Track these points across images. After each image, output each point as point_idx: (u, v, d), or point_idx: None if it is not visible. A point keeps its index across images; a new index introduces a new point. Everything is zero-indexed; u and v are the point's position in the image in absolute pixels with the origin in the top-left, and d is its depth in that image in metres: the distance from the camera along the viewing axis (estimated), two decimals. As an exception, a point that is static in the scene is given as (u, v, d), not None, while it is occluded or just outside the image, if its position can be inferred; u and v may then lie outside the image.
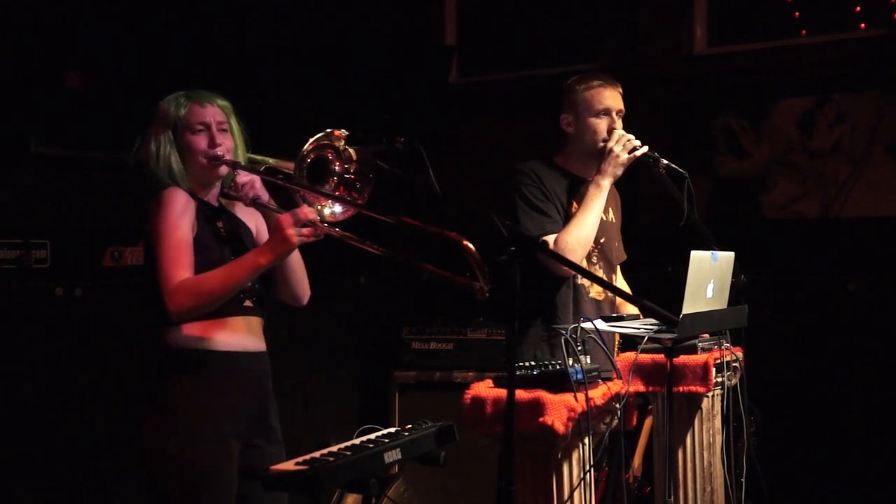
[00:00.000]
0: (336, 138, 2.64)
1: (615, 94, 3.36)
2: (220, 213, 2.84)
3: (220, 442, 2.67)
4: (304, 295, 2.92)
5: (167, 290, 2.60)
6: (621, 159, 3.25)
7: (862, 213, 4.92)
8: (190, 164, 2.76)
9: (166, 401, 2.68)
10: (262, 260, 2.60)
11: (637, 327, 2.95)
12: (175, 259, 2.63)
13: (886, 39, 4.94)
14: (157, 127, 2.77)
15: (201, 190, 2.81)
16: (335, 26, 5.60)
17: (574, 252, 3.18)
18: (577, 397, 2.61)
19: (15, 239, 3.80)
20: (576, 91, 3.35)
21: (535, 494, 2.66)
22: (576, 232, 3.22)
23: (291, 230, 2.54)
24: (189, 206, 2.72)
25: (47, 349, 3.77)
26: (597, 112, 3.32)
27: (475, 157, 5.72)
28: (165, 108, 2.78)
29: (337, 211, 2.65)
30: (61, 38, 4.21)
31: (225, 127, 2.80)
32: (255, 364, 2.79)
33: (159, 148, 2.75)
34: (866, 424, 4.58)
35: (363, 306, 5.13)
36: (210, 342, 2.69)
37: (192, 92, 2.81)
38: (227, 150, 2.78)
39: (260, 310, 2.83)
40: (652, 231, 4.82)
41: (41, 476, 3.73)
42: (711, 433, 3.22)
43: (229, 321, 2.73)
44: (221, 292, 2.62)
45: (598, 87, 3.34)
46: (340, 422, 4.81)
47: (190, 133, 2.76)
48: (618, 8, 5.66)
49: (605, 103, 3.33)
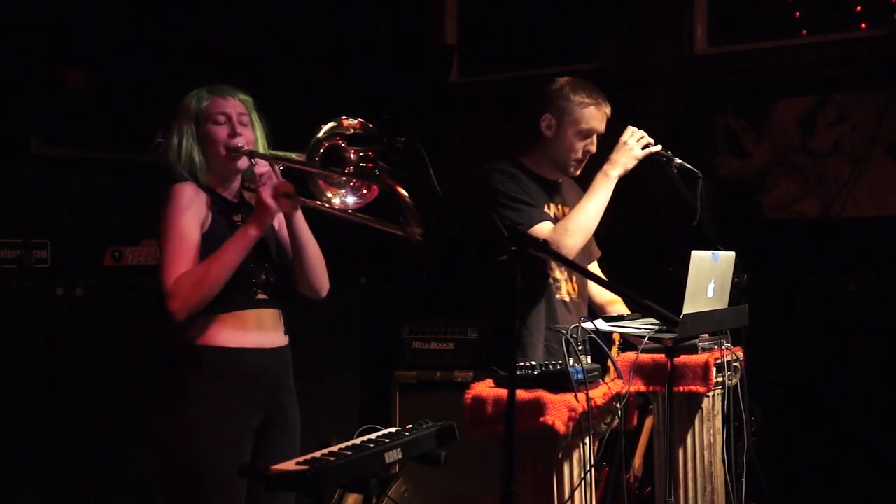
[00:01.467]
0: (345, 128, 2.68)
1: (604, 118, 3.28)
2: (239, 207, 2.85)
3: (230, 439, 2.68)
4: (322, 287, 2.93)
5: (166, 290, 2.62)
6: (634, 153, 3.19)
7: (862, 213, 4.92)
8: (210, 156, 2.78)
9: (176, 398, 2.69)
10: (251, 231, 2.65)
11: (638, 327, 2.95)
12: (174, 258, 2.65)
13: (887, 39, 4.93)
14: (180, 120, 2.80)
15: (220, 184, 2.83)
16: (335, 26, 5.60)
17: (574, 238, 3.12)
18: (577, 397, 2.61)
19: (16, 239, 3.80)
20: (568, 99, 3.25)
21: (536, 494, 2.66)
22: (577, 218, 3.16)
23: (270, 199, 2.63)
24: (197, 200, 2.73)
25: (48, 349, 3.77)
26: (581, 131, 3.25)
27: (475, 157, 5.71)
28: (188, 102, 2.81)
29: (349, 201, 2.70)
30: (62, 38, 4.21)
31: (245, 120, 2.82)
32: (266, 360, 2.78)
33: (181, 140, 2.77)
34: (867, 424, 4.58)
35: (364, 306, 5.13)
36: (218, 338, 2.70)
37: (214, 86, 2.84)
38: (247, 142, 2.80)
39: (276, 302, 2.83)
40: (657, 230, 4.83)
41: (42, 476, 3.73)
42: (712, 433, 3.22)
43: (239, 316, 2.73)
44: (220, 274, 2.63)
45: (591, 106, 3.24)
46: (341, 421, 4.81)
47: (212, 123, 2.78)
48: (618, 8, 5.66)
49: (592, 124, 3.25)
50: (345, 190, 2.71)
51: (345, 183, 2.71)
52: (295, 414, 2.90)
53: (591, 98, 3.25)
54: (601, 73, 5.57)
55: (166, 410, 2.70)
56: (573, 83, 3.30)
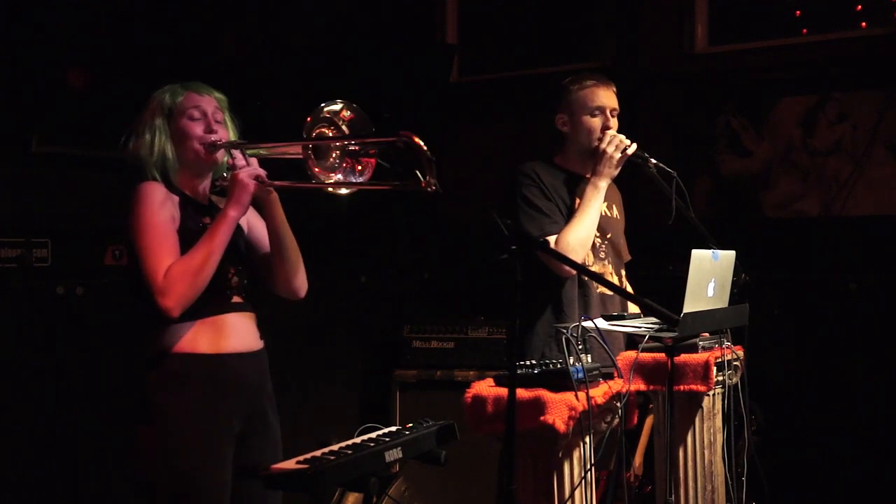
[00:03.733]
0: (328, 113, 2.65)
1: (609, 93, 3.40)
2: (209, 210, 2.79)
3: (210, 448, 2.64)
4: (300, 287, 2.85)
5: (157, 287, 2.53)
6: (615, 160, 3.30)
7: (863, 212, 4.92)
8: (183, 151, 2.71)
9: (155, 407, 2.63)
10: (231, 212, 2.62)
11: (638, 326, 2.95)
12: (157, 254, 2.56)
13: (887, 38, 4.93)
14: (151, 116, 2.72)
15: (191, 182, 2.76)
16: (335, 25, 5.60)
17: (575, 252, 3.21)
18: (577, 396, 2.61)
19: (16, 238, 3.79)
20: (570, 91, 3.40)
21: (536, 493, 2.66)
22: (575, 232, 3.25)
23: (246, 178, 2.63)
24: (168, 199, 2.67)
25: (48, 348, 3.77)
26: (591, 110, 3.36)
27: (475, 157, 5.72)
28: (159, 97, 2.75)
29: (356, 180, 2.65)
30: (64, 36, 4.20)
31: (220, 118, 2.77)
32: (244, 365, 2.72)
33: (154, 136, 2.70)
34: (867, 423, 4.58)
35: (364, 305, 5.13)
36: (196, 345, 2.64)
37: (188, 82, 2.78)
38: (223, 138, 2.74)
39: (250, 305, 2.78)
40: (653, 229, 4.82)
41: (42, 476, 3.73)
42: (712, 432, 3.22)
43: (216, 322, 2.67)
44: (209, 262, 2.57)
45: (591, 86, 3.38)
46: (341, 421, 4.81)
47: (186, 119, 2.71)
48: (618, 8, 5.66)
49: (598, 101, 3.37)
50: (338, 173, 2.64)
51: (338, 165, 2.65)
52: (275, 418, 2.83)
53: (590, 80, 3.40)
54: (601, 73, 5.57)
55: (146, 422, 2.64)
56: (573, 78, 3.44)
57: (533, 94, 5.58)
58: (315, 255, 2.93)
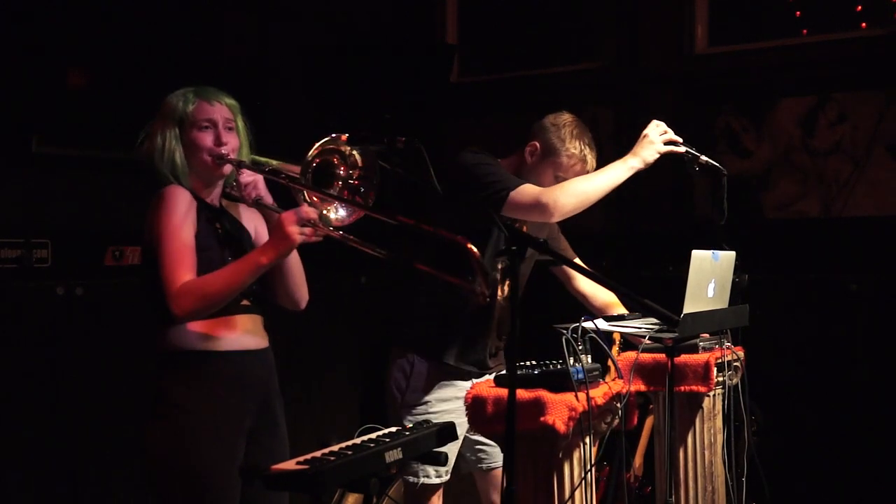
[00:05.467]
0: (342, 143, 2.63)
1: (584, 169, 3.25)
2: (221, 214, 2.82)
3: (223, 443, 2.66)
4: (301, 299, 2.89)
5: (171, 293, 2.57)
6: (657, 146, 3.13)
7: (863, 213, 4.92)
8: (194, 161, 2.74)
9: (167, 403, 2.66)
10: (263, 259, 2.58)
11: (638, 326, 2.95)
12: (179, 261, 2.60)
13: (887, 39, 4.94)
14: (164, 121, 2.74)
15: (203, 189, 2.79)
16: (336, 26, 5.60)
17: (568, 198, 3.07)
18: (578, 397, 2.61)
19: (16, 238, 3.80)
20: (562, 141, 3.24)
21: (536, 494, 2.65)
22: (580, 183, 3.11)
23: (293, 227, 2.52)
24: (192, 207, 2.70)
25: (48, 349, 3.77)
26: (558, 175, 3.24)
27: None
28: (173, 103, 2.75)
29: (343, 215, 2.63)
30: (64, 37, 4.21)
31: (231, 125, 2.78)
32: (256, 362, 2.77)
33: (165, 143, 2.72)
34: (867, 424, 4.58)
35: (364, 305, 5.13)
36: (209, 343, 2.68)
37: (201, 88, 2.78)
38: (232, 149, 2.75)
39: (258, 308, 2.82)
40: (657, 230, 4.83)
41: (42, 475, 3.73)
42: (712, 432, 3.22)
43: (228, 320, 2.71)
44: (226, 293, 2.60)
45: (578, 162, 3.23)
46: (341, 421, 4.81)
47: (196, 129, 2.73)
48: (618, 8, 5.66)
49: (568, 175, 3.23)
50: (336, 204, 2.62)
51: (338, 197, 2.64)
52: (283, 416, 2.87)
53: (581, 152, 3.24)
54: (601, 73, 5.58)
55: (158, 417, 2.66)
56: (574, 128, 3.27)
57: (533, 95, 5.59)
58: (315, 256, 2.93)
